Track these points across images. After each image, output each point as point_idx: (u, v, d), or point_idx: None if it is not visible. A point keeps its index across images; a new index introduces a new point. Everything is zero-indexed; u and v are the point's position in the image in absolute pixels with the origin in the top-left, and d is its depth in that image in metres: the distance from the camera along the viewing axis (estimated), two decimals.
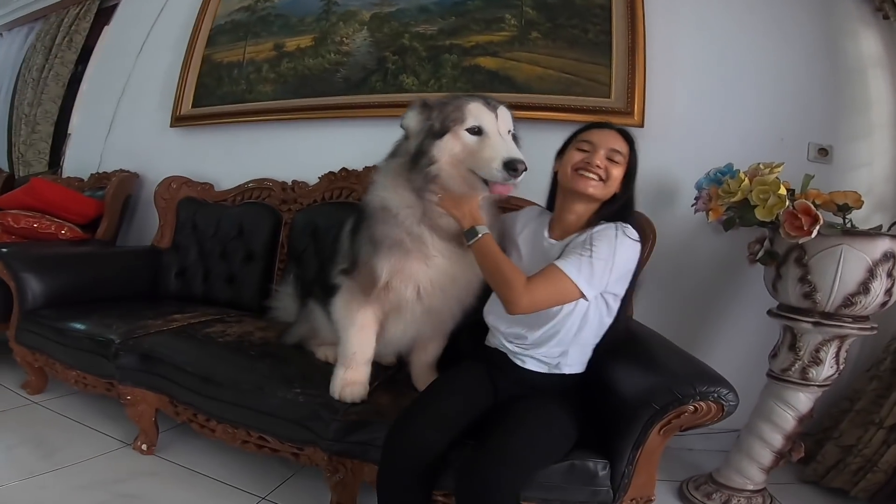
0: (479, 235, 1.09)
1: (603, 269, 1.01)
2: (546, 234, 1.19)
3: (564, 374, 1.13)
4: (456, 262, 1.17)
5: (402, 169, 1.16)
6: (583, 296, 1.01)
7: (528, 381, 1.13)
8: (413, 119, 1.16)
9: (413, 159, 1.13)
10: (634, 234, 1.08)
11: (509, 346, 1.16)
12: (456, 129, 1.10)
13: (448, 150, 1.10)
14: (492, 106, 1.12)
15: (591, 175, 1.09)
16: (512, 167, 1.03)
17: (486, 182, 1.07)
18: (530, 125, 1.52)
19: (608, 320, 1.13)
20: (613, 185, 1.12)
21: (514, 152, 1.06)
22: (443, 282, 1.18)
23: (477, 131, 1.10)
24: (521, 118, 1.48)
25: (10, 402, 1.74)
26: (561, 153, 1.19)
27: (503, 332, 1.17)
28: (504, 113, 1.14)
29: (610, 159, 1.11)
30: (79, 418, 1.66)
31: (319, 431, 1.16)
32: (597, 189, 1.10)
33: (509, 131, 1.14)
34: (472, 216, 1.12)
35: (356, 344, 1.21)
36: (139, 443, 1.49)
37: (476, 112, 1.10)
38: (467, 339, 1.31)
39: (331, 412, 1.15)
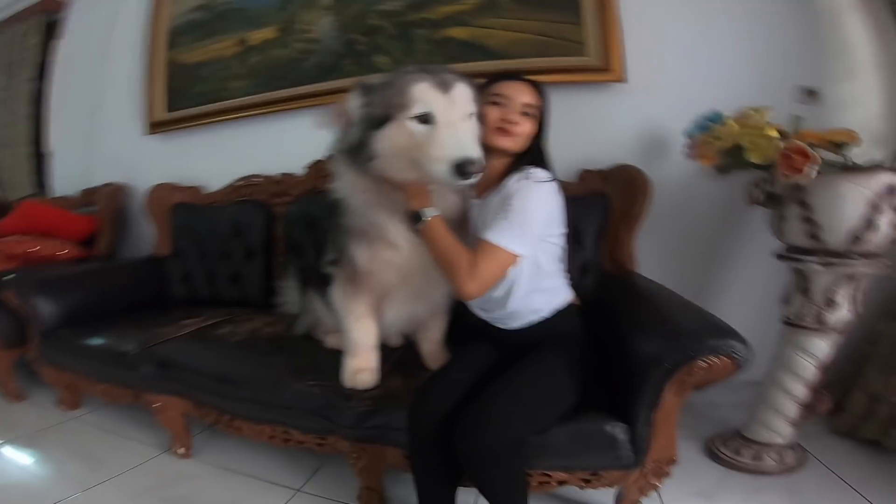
0: (426, 219, 1.02)
1: (524, 224, 0.98)
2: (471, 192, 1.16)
3: (549, 318, 1.13)
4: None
5: (344, 158, 1.08)
6: (519, 256, 1.00)
7: (522, 339, 1.14)
8: (353, 104, 1.02)
9: (353, 152, 1.02)
10: (543, 174, 1.05)
11: (484, 315, 1.18)
12: (400, 118, 0.95)
13: (390, 142, 0.96)
14: (445, 85, 0.96)
15: (510, 131, 1.06)
16: (462, 170, 0.89)
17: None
18: None
19: (563, 253, 1.15)
20: (523, 140, 1.09)
21: (465, 149, 0.91)
22: (420, 265, 1.12)
23: (425, 119, 0.95)
24: None
25: (51, 419, 1.81)
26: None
27: (472, 303, 1.19)
28: (462, 92, 0.99)
29: (524, 113, 1.07)
30: (116, 429, 1.73)
31: (337, 420, 1.19)
32: (512, 143, 1.08)
33: (470, 114, 1.01)
34: (419, 196, 1.04)
35: (358, 333, 1.21)
36: (176, 448, 1.55)
37: (423, 95, 0.95)
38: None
39: (345, 400, 1.18)
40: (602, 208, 1.56)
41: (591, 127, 1.74)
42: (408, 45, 1.91)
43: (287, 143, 2.17)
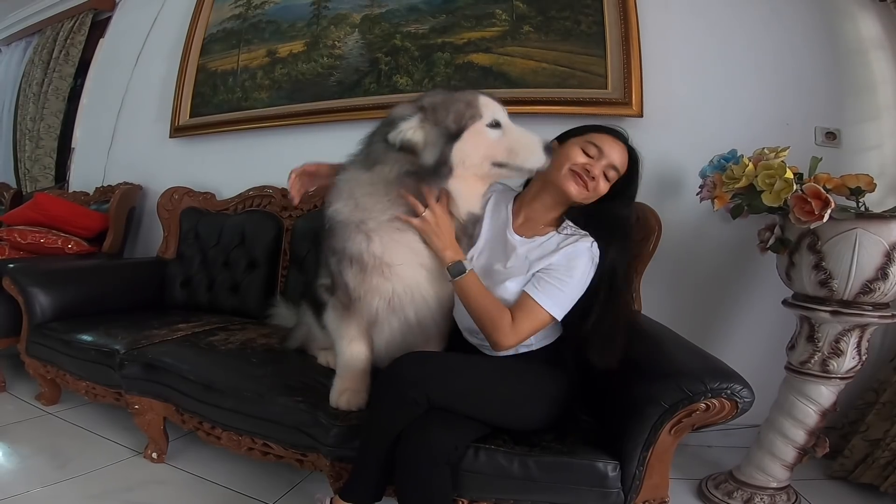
0: (466, 272, 1.05)
1: (572, 296, 1.05)
2: (511, 223, 1.16)
3: (537, 350, 1.13)
4: (420, 274, 1.12)
5: (395, 179, 1.07)
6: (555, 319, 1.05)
7: None
8: (415, 128, 1.04)
9: (434, 170, 1.04)
10: (594, 253, 1.07)
11: (473, 340, 1.17)
12: (475, 127, 1.04)
13: (473, 148, 1.04)
14: (495, 97, 1.11)
15: (584, 183, 1.08)
16: (549, 149, 1.07)
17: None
18: (527, 119, 1.48)
19: None
20: (594, 197, 1.11)
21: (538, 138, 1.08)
22: (412, 295, 1.13)
23: (496, 124, 1.06)
24: (518, 113, 1.45)
25: (26, 413, 1.78)
26: (562, 140, 1.14)
27: (463, 328, 1.19)
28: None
29: (605, 173, 1.09)
30: (91, 428, 1.69)
31: (320, 438, 1.16)
32: (580, 195, 1.09)
33: None
34: (454, 247, 1.08)
35: (348, 356, 1.20)
36: (149, 451, 1.50)
37: (489, 106, 1.07)
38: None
39: (331, 418, 1.15)
40: None
41: None
42: (429, 68, 1.95)
43: (301, 157, 2.12)
